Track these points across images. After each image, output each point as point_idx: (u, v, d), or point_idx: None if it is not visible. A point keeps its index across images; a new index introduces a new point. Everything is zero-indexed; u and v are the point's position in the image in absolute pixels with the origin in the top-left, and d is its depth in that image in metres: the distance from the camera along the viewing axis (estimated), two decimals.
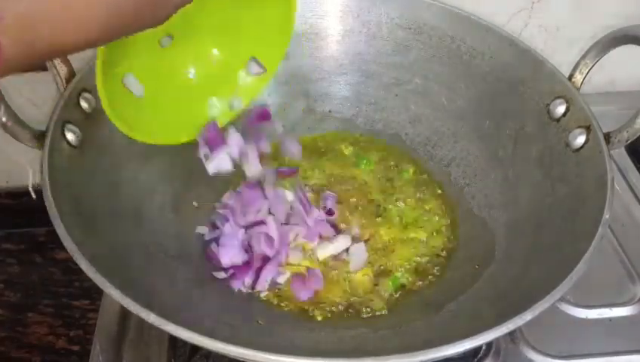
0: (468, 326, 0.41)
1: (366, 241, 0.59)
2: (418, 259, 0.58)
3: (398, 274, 0.57)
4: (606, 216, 0.47)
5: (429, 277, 0.57)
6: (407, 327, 0.51)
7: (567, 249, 0.47)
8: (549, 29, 0.75)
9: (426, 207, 0.63)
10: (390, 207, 0.63)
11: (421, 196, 0.64)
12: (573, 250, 0.45)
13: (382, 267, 0.58)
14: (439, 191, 0.65)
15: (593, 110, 0.54)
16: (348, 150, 0.68)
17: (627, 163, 0.72)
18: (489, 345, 0.54)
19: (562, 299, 0.58)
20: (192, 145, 0.56)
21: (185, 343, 0.40)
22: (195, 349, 0.52)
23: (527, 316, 0.40)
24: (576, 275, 0.43)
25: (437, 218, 0.62)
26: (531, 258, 0.51)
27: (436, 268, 0.58)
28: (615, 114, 0.58)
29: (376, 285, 0.56)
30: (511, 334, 0.55)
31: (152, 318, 0.38)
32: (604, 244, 0.63)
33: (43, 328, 0.59)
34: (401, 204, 0.63)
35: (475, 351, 0.54)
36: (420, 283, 0.56)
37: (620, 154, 0.72)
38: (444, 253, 0.59)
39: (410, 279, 0.57)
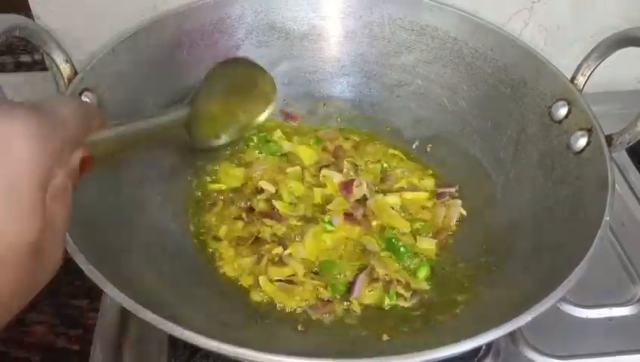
0: (468, 327, 0.41)
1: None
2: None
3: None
4: (606, 218, 0.47)
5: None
6: (406, 328, 0.51)
7: (567, 251, 0.47)
8: (549, 28, 0.75)
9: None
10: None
11: None
12: (573, 251, 0.45)
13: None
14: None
15: (592, 109, 0.54)
16: None
17: (627, 162, 0.72)
18: (489, 345, 0.54)
19: (562, 299, 0.58)
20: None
21: (185, 343, 0.39)
22: (195, 349, 0.52)
23: (527, 317, 0.40)
24: (575, 277, 0.43)
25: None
26: (531, 259, 0.51)
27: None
28: (614, 113, 0.58)
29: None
30: (511, 334, 0.55)
31: (151, 318, 0.38)
32: (605, 244, 0.63)
33: (43, 328, 0.59)
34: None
35: (475, 351, 0.54)
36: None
37: (620, 153, 0.72)
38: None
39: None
